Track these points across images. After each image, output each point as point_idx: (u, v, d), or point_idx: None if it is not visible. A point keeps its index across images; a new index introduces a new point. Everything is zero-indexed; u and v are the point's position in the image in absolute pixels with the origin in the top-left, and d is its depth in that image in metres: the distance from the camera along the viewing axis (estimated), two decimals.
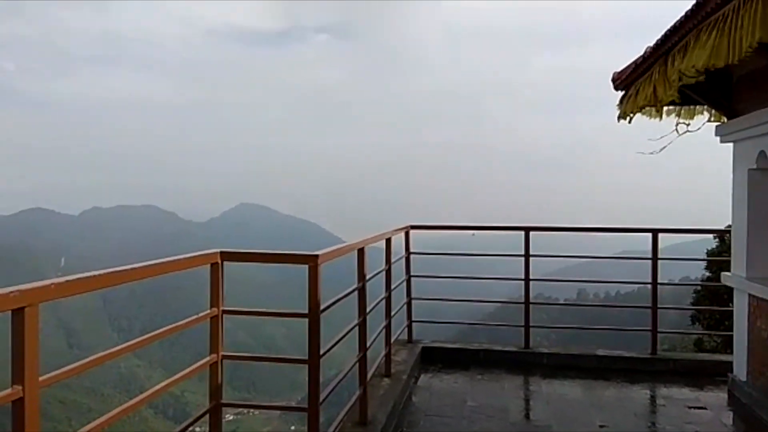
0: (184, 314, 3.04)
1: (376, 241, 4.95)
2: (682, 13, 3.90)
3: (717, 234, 10.45)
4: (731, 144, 5.75)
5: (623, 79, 5.41)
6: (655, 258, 6.67)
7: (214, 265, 3.22)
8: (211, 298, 3.24)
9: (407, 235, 6.66)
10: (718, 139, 5.86)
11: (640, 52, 4.82)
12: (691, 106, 6.16)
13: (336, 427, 3.94)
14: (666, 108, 6.01)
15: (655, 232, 6.64)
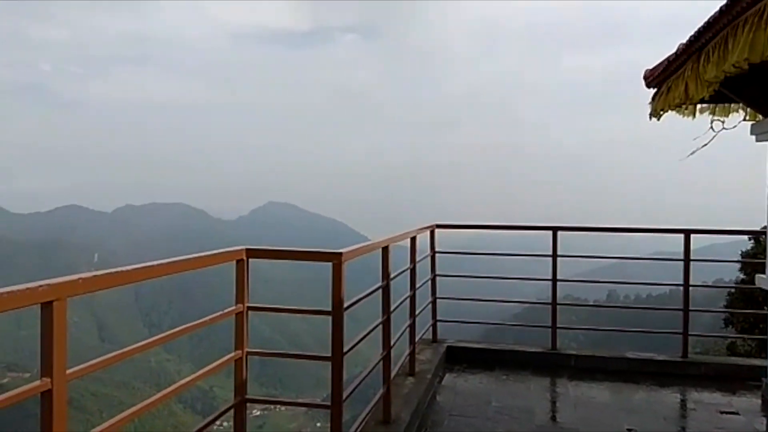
0: (213, 311, 3.08)
1: (400, 240, 4.95)
2: (716, 9, 3.80)
3: (752, 235, 10.21)
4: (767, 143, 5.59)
5: (655, 77, 5.29)
6: (687, 259, 6.51)
7: (240, 261, 3.25)
8: (236, 295, 3.27)
9: (432, 234, 6.62)
10: (754, 138, 5.70)
11: (672, 50, 4.72)
12: (726, 104, 5.99)
13: (359, 425, 3.95)
14: (699, 106, 5.87)
15: (688, 233, 6.49)
